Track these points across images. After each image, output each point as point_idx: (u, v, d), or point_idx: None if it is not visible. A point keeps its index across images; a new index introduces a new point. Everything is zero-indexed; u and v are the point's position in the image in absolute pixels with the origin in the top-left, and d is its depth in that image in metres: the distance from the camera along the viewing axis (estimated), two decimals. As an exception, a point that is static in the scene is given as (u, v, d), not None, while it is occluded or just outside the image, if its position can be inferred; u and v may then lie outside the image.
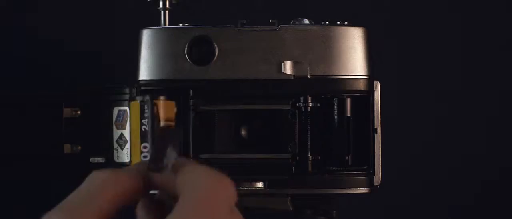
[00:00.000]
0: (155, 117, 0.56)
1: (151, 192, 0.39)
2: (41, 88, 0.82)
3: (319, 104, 0.62)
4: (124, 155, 0.63)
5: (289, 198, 0.63)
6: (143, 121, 0.56)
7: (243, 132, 0.63)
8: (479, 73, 0.88)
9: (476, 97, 0.88)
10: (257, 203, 0.62)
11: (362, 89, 0.63)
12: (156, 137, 0.55)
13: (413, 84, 0.87)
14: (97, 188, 0.37)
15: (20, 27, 0.84)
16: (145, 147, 0.55)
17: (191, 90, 0.61)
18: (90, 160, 0.64)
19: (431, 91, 0.87)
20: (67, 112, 0.64)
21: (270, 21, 0.62)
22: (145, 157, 0.54)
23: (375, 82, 0.63)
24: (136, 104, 0.56)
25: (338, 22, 0.63)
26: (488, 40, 0.88)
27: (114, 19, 0.85)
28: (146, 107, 0.56)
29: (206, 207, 0.36)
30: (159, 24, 0.64)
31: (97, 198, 0.36)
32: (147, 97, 0.56)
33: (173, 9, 0.64)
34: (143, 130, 0.55)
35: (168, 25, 0.64)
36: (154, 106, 0.56)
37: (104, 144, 0.63)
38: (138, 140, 0.56)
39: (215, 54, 0.62)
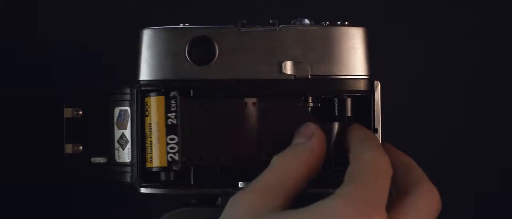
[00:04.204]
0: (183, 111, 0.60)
1: None
2: (41, 88, 0.82)
3: (319, 105, 0.62)
4: (126, 155, 0.63)
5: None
6: (169, 114, 0.59)
7: (243, 132, 0.63)
8: (480, 73, 0.88)
9: (477, 97, 0.88)
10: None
11: (362, 89, 0.62)
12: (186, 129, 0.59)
13: (413, 84, 0.87)
14: (285, 167, 0.37)
15: (20, 26, 0.84)
16: (172, 139, 0.59)
17: (191, 90, 0.61)
18: (91, 160, 0.64)
19: (431, 91, 0.87)
20: (68, 112, 0.64)
21: (270, 21, 0.62)
22: (172, 148, 0.59)
23: (375, 82, 0.63)
24: (161, 98, 0.60)
25: (338, 22, 0.63)
26: (489, 40, 0.88)
27: (114, 19, 0.85)
28: (172, 103, 0.60)
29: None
30: (159, 24, 0.64)
31: (287, 176, 0.37)
32: (175, 93, 0.60)
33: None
34: (169, 123, 0.59)
35: (168, 25, 0.64)
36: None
37: (106, 144, 0.63)
38: (164, 133, 0.59)
39: (215, 54, 0.62)
